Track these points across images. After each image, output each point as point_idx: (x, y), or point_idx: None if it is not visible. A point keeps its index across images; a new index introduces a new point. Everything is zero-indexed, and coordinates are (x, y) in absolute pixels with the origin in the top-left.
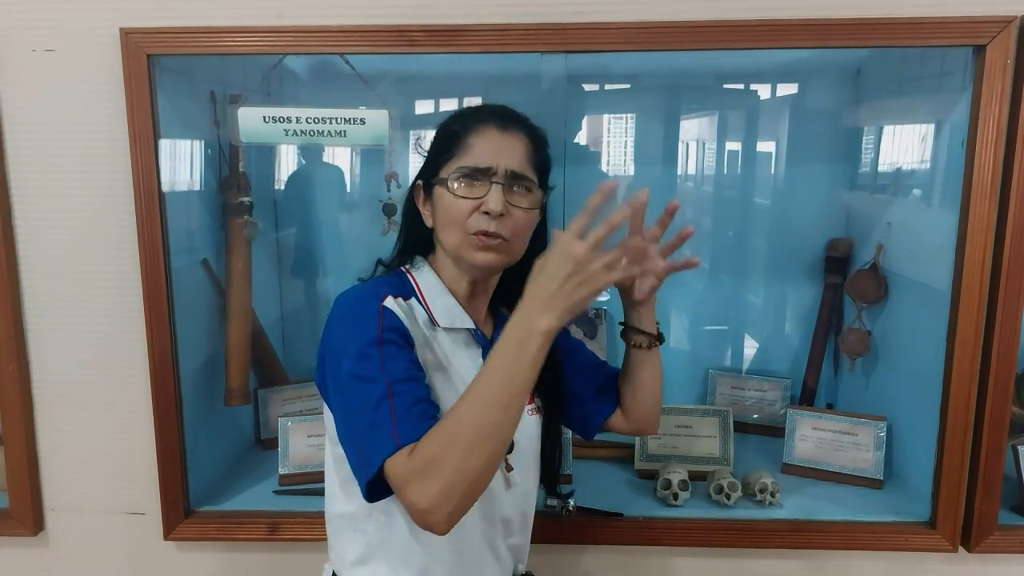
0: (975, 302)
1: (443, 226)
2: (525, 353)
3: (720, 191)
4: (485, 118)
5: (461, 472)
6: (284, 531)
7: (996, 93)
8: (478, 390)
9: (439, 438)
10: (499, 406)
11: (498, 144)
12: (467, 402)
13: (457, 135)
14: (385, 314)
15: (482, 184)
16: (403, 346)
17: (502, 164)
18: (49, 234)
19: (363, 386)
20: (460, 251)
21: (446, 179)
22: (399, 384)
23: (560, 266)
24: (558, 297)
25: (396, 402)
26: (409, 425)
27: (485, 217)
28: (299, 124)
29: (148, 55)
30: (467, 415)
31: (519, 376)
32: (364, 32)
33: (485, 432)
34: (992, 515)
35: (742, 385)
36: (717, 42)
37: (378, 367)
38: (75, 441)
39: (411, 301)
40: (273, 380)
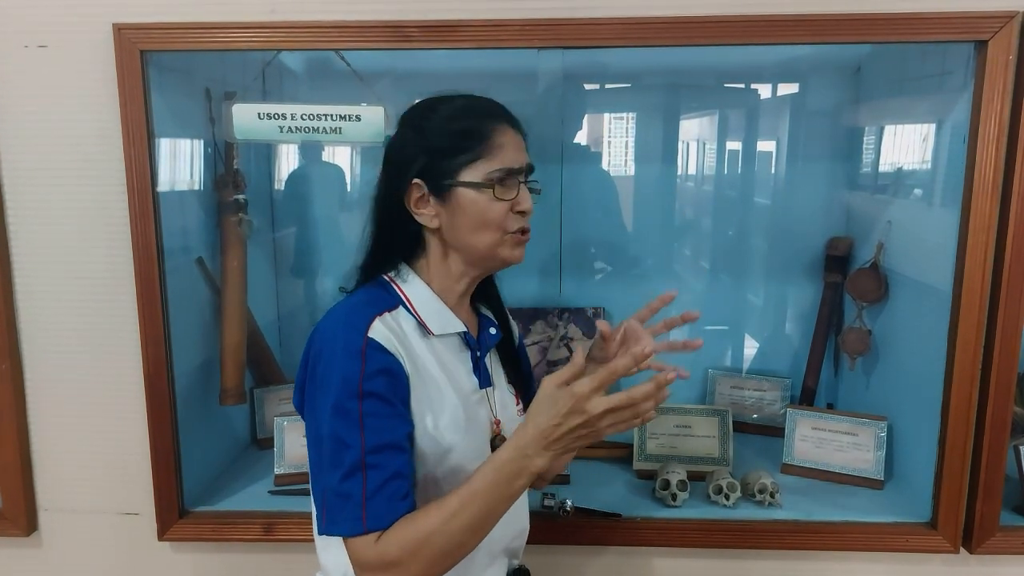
0: (976, 301)
1: (475, 229)
2: (511, 487)
3: (720, 190)
4: (499, 118)
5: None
6: (279, 532)
7: (998, 90)
8: (456, 510)
9: (406, 544)
10: (471, 531)
11: (517, 143)
12: (441, 519)
13: (477, 135)
14: (369, 353)
15: (513, 185)
16: (387, 396)
17: (525, 161)
18: (42, 232)
19: (338, 448)
20: (496, 250)
21: (481, 182)
22: (375, 454)
23: (570, 416)
24: (560, 443)
25: (369, 475)
26: (379, 507)
27: (519, 216)
28: (294, 121)
29: (141, 51)
30: (439, 532)
31: (498, 506)
32: (359, 28)
33: (451, 551)
34: (994, 516)
35: (742, 385)
36: (714, 38)
37: (356, 426)
38: (68, 441)
39: (397, 311)
40: (269, 379)
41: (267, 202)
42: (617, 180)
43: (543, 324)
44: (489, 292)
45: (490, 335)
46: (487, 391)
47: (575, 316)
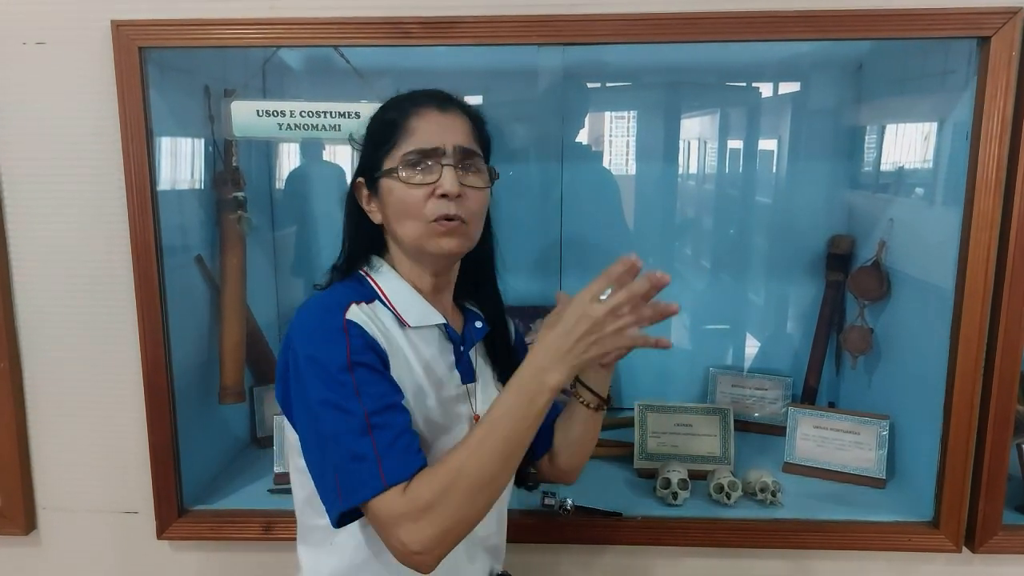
0: (979, 299)
1: (398, 219)
2: (533, 407)
3: (721, 189)
4: (421, 101)
5: (456, 519)
6: (279, 530)
7: (1000, 86)
8: (481, 438)
9: (437, 484)
10: (501, 458)
11: (441, 123)
12: (469, 450)
13: (395, 123)
14: (351, 329)
15: (433, 168)
16: (376, 367)
17: (449, 142)
18: (40, 230)
19: (338, 416)
20: (421, 242)
21: (393, 169)
22: (378, 415)
23: (577, 324)
24: (572, 353)
25: (377, 436)
26: (395, 462)
27: (443, 201)
28: (293, 118)
29: (140, 48)
30: (468, 464)
31: (524, 429)
32: (358, 24)
33: (484, 482)
34: (996, 515)
35: (743, 384)
36: (714, 34)
37: (352, 395)
38: (67, 439)
39: (374, 304)
40: (268, 378)
41: (267, 200)
42: (618, 178)
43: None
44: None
45: (475, 329)
46: (469, 386)
47: None
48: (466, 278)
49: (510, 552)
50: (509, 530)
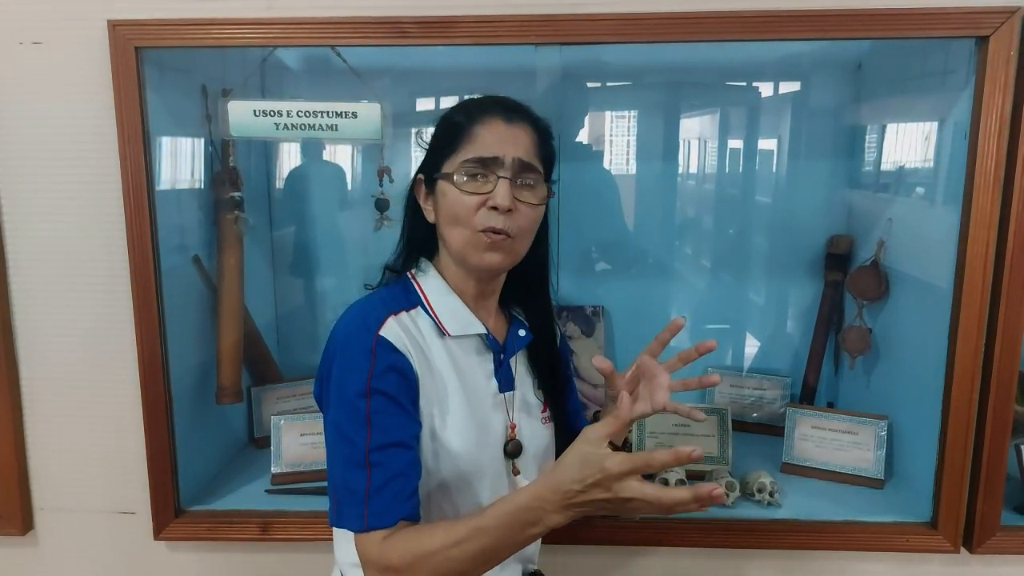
0: (977, 298)
1: (447, 223)
2: (523, 534)
3: (720, 188)
4: (490, 108)
5: None
6: (276, 531)
7: (999, 85)
8: (465, 536)
9: (406, 556)
10: (474, 562)
11: (504, 134)
12: (447, 540)
13: (460, 127)
14: (379, 351)
15: (489, 178)
16: (394, 395)
17: (509, 153)
18: (37, 230)
19: (344, 444)
20: (465, 251)
21: (451, 173)
22: (379, 452)
23: (595, 488)
24: (580, 508)
25: (372, 473)
26: (380, 506)
27: (493, 213)
28: (290, 118)
29: (136, 47)
30: (440, 554)
31: (506, 546)
32: (355, 24)
33: (451, 570)
34: (994, 515)
35: (741, 384)
36: (712, 34)
37: (362, 424)
38: (64, 440)
39: (416, 311)
40: (266, 378)
41: (264, 200)
42: (618, 178)
43: None
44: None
45: (518, 337)
46: (507, 395)
47: (574, 314)
48: (516, 284)
49: None
50: None
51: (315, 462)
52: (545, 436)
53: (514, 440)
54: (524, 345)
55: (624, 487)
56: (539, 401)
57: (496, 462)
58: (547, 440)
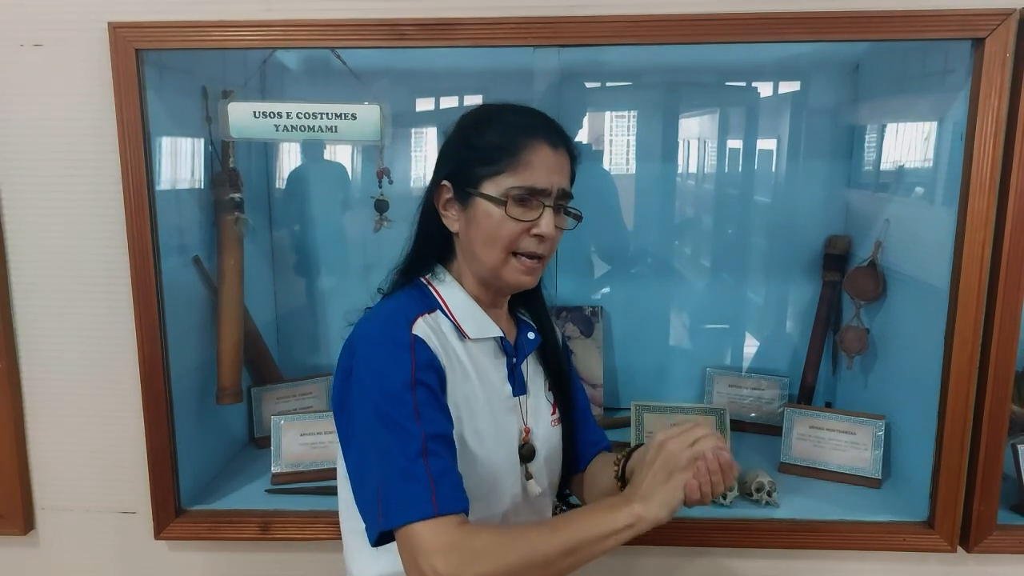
0: (974, 298)
1: (485, 243)
2: (611, 520)
3: (719, 188)
4: (536, 132)
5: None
6: (276, 530)
7: (995, 86)
8: (555, 522)
9: (500, 537)
10: (563, 548)
11: (552, 163)
12: (540, 526)
13: (506, 149)
14: (417, 347)
15: (535, 206)
16: (436, 390)
17: (556, 184)
18: (38, 231)
19: (396, 432)
20: (500, 271)
21: (499, 197)
22: (435, 441)
23: (655, 458)
24: (653, 486)
25: (432, 462)
26: (448, 494)
27: (534, 240)
28: (290, 120)
29: (137, 50)
30: (533, 535)
31: (592, 534)
32: (354, 25)
33: (537, 563)
34: (991, 515)
35: (740, 384)
36: (710, 36)
37: (412, 415)
38: (65, 440)
39: (436, 315)
40: (266, 378)
41: (265, 201)
42: (617, 178)
43: None
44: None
45: (528, 340)
46: (520, 399)
47: (573, 314)
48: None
49: None
50: None
51: (315, 462)
52: (555, 439)
53: (528, 444)
54: (534, 347)
55: (666, 434)
56: (549, 403)
57: (512, 466)
58: (557, 443)
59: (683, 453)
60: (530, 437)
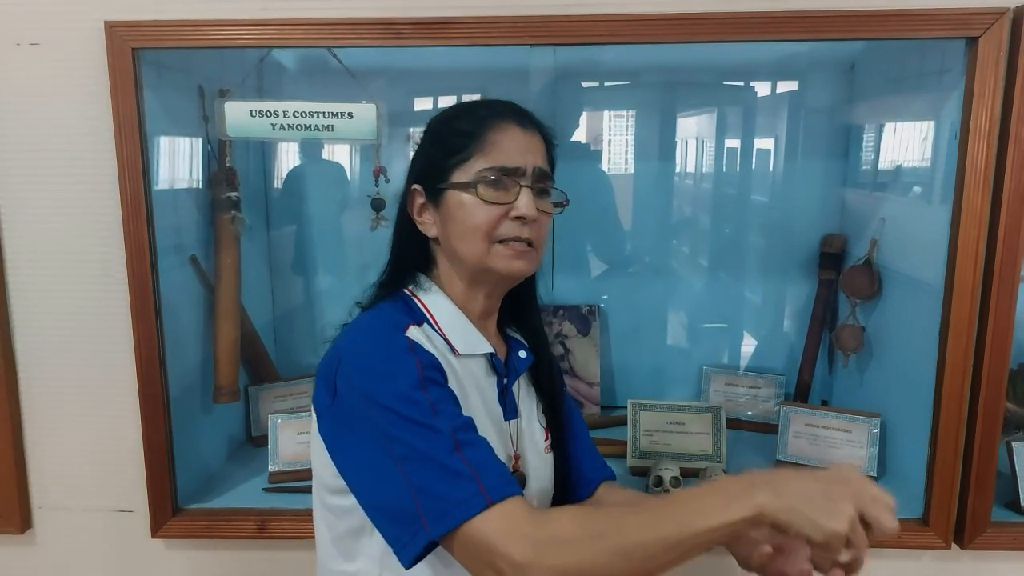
0: (968, 296)
1: (461, 235)
2: (727, 509)
3: (716, 187)
4: (503, 115)
5: (583, 568)
6: (273, 529)
7: (988, 85)
8: (656, 508)
9: (587, 524)
10: (666, 538)
11: (523, 142)
12: (639, 512)
13: (472, 134)
14: (417, 349)
15: (510, 188)
16: (445, 387)
17: (530, 162)
18: (34, 230)
19: (419, 431)
20: (487, 262)
21: (469, 183)
22: (464, 432)
23: (835, 479)
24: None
25: (467, 454)
26: (495, 481)
27: (516, 223)
28: (286, 118)
29: (133, 49)
30: (630, 522)
31: (703, 524)
32: (350, 24)
33: (635, 553)
34: (985, 512)
35: (736, 382)
36: (705, 35)
37: (431, 414)
38: (62, 438)
39: (424, 327)
40: (264, 377)
41: (262, 200)
42: (614, 177)
43: None
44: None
45: (520, 359)
46: (511, 423)
47: (570, 313)
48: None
49: None
50: None
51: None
52: (547, 468)
53: (518, 472)
54: (527, 367)
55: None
56: (542, 428)
57: None
58: (549, 472)
59: (868, 487)
60: (520, 464)
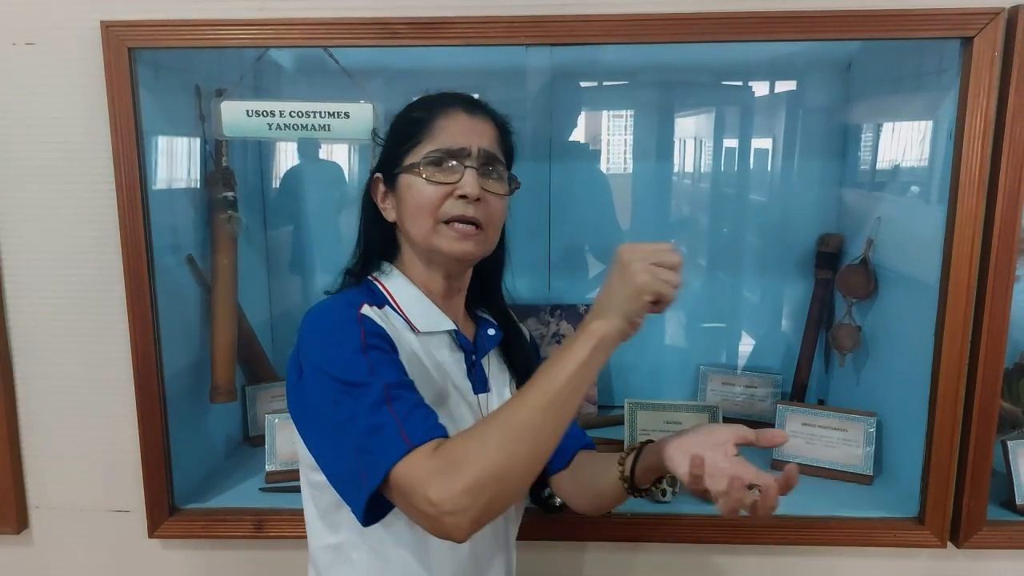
0: (963, 296)
1: (411, 216)
2: (572, 353)
3: (714, 187)
4: (450, 103)
5: (491, 472)
6: (270, 528)
7: (983, 85)
8: (520, 391)
9: (471, 436)
10: (537, 407)
11: (469, 125)
12: (514, 402)
13: (421, 121)
14: (365, 321)
15: (455, 168)
16: (389, 352)
17: (475, 144)
18: (31, 229)
19: (355, 391)
20: (432, 241)
21: (415, 164)
22: (396, 388)
23: (613, 272)
24: (610, 302)
25: (396, 406)
26: (417, 426)
27: (461, 202)
28: (283, 118)
29: (129, 48)
30: (503, 413)
31: (561, 376)
32: (346, 24)
33: (520, 433)
34: (981, 510)
35: (733, 381)
36: (700, 35)
37: (368, 373)
38: (59, 438)
39: (385, 310)
40: (261, 377)
41: (259, 200)
42: (611, 177)
43: (535, 321)
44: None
45: (489, 336)
46: (480, 397)
47: (567, 312)
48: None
49: None
50: None
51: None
52: None
53: None
54: (495, 344)
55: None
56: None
57: None
58: None
59: (641, 260)
60: None
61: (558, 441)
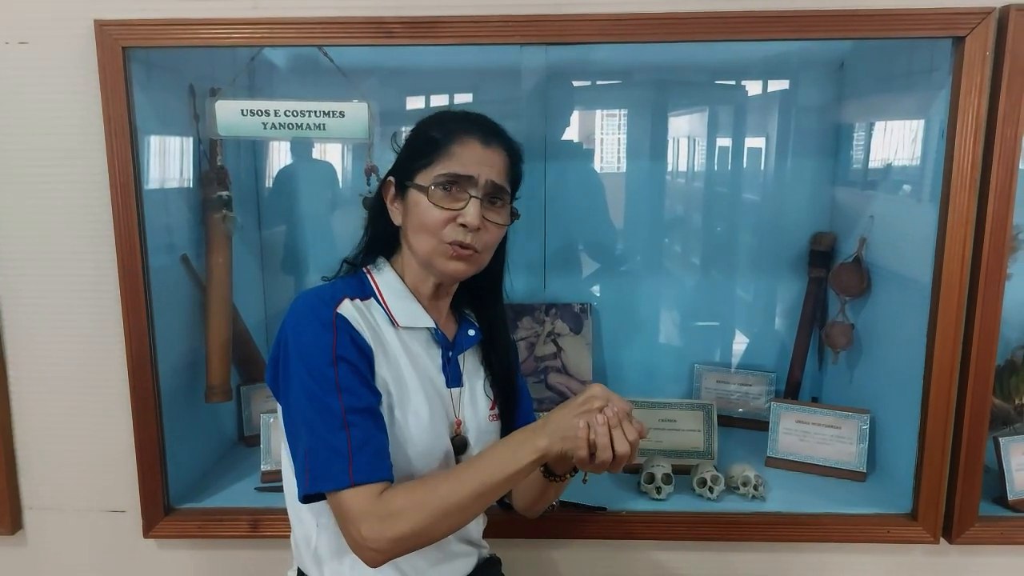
0: (955, 293)
1: (416, 231)
2: (515, 458)
3: (708, 186)
4: (468, 129)
5: (418, 532)
6: (266, 528)
7: (975, 85)
8: (463, 470)
9: (412, 496)
10: (473, 493)
11: (481, 156)
12: (449, 478)
13: (438, 142)
14: (339, 324)
15: (460, 195)
16: (357, 364)
17: (483, 175)
18: (25, 229)
19: (317, 406)
20: (431, 258)
21: (426, 186)
22: (355, 415)
23: (575, 400)
24: (557, 424)
25: (352, 434)
26: (365, 464)
27: (461, 229)
28: (277, 117)
29: (123, 47)
30: (444, 488)
31: (501, 476)
32: (341, 24)
33: (454, 509)
34: (973, 507)
35: (727, 379)
36: (693, 34)
37: (333, 390)
38: (53, 438)
39: (369, 302)
40: (255, 377)
41: (253, 199)
42: (605, 176)
43: (530, 320)
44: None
45: (467, 336)
46: (453, 391)
47: (562, 311)
48: (471, 290)
49: (497, 547)
50: (496, 526)
51: None
52: (491, 433)
53: (460, 435)
54: (473, 344)
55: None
56: (488, 398)
57: (445, 455)
58: (493, 437)
59: (597, 401)
60: (461, 429)
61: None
